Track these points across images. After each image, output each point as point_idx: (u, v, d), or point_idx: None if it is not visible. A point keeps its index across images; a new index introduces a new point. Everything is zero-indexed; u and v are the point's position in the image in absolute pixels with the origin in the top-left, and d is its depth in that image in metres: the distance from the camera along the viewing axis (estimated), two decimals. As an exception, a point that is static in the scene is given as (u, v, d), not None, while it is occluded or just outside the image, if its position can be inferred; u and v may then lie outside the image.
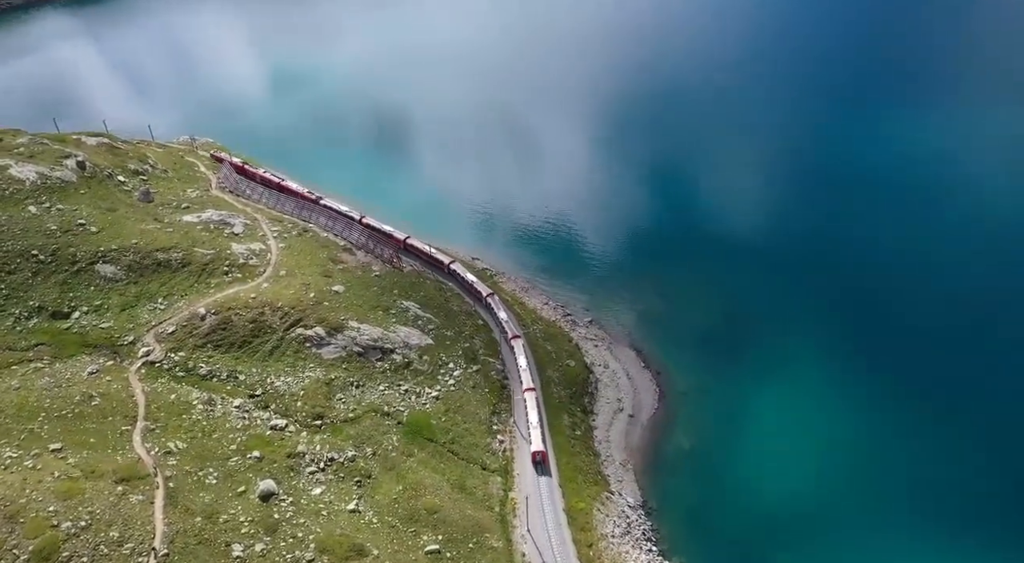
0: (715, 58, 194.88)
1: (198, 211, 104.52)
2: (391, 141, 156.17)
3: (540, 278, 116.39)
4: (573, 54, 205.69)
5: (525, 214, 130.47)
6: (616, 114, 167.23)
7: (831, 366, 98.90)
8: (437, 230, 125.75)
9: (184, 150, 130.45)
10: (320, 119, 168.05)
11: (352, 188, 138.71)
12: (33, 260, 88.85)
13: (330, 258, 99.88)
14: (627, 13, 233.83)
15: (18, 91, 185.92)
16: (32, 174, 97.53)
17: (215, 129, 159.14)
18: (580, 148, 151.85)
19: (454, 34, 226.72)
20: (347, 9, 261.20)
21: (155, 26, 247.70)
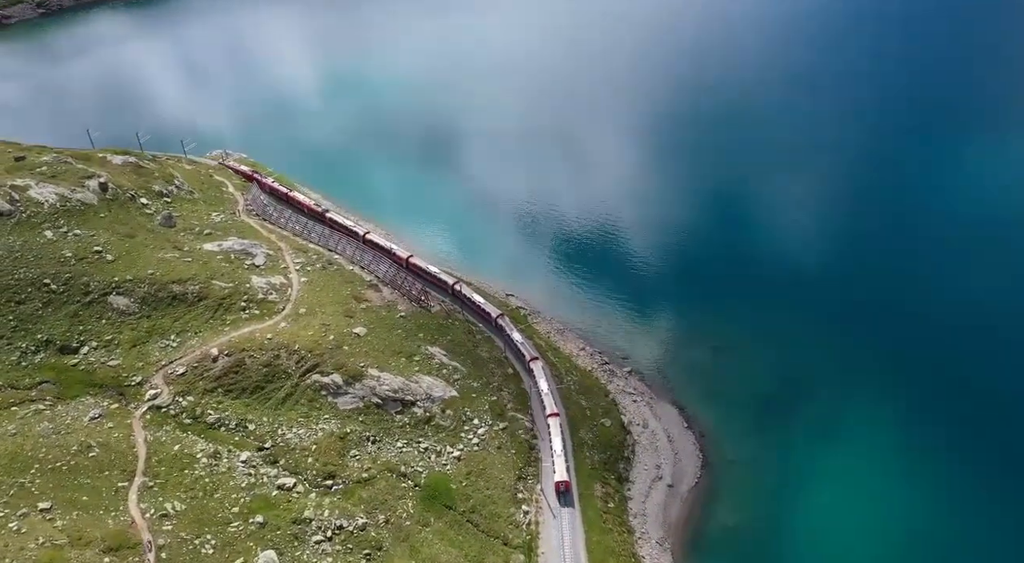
0: (773, 76, 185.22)
1: (220, 239, 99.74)
2: (432, 161, 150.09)
3: (577, 319, 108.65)
4: (627, 68, 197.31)
5: (564, 247, 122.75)
6: (666, 136, 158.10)
7: (900, 435, 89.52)
8: (472, 262, 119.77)
9: (214, 168, 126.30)
10: (360, 133, 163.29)
11: (387, 212, 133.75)
12: (45, 290, 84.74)
13: (353, 295, 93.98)
14: (687, 24, 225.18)
15: (62, 95, 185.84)
16: (52, 196, 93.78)
17: (251, 142, 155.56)
18: (628, 174, 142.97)
19: (506, 43, 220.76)
20: (403, 14, 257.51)
21: (203, 29, 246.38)
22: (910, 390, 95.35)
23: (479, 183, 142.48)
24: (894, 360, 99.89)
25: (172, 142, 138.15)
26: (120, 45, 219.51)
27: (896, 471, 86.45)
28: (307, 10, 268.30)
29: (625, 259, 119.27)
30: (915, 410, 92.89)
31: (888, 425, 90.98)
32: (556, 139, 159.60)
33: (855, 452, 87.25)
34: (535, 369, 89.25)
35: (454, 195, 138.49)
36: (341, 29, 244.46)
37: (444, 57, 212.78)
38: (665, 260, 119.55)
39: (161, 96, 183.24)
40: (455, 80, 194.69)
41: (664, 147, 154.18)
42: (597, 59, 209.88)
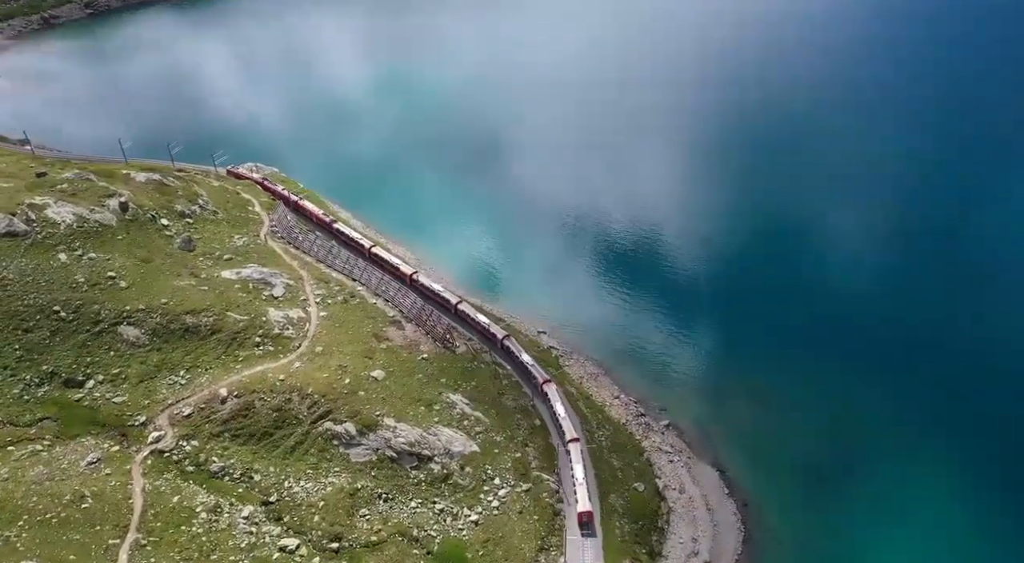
0: (837, 89, 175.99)
1: (240, 265, 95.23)
2: (468, 179, 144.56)
3: (613, 362, 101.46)
4: (684, 82, 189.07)
5: (602, 281, 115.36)
6: (717, 156, 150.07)
7: (972, 511, 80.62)
8: (506, 293, 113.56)
9: (242, 186, 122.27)
10: (397, 145, 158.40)
11: (416, 233, 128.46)
12: (54, 317, 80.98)
13: (374, 333, 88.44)
14: (748, 34, 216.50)
15: (102, 98, 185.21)
16: (69, 216, 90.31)
17: (286, 154, 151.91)
18: (674, 201, 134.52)
19: (554, 48, 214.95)
20: (455, 18, 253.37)
21: (247, 32, 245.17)
22: (985, 458, 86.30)
23: (518, 204, 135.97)
24: (967, 422, 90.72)
25: (204, 153, 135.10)
26: (162, 48, 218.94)
27: (967, 551, 78.01)
28: (354, 13, 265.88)
29: (666, 297, 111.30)
30: (989, 480, 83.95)
31: (958, 500, 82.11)
32: (601, 156, 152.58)
33: (920, 533, 78.69)
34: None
35: (490, 218, 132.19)
36: (387, 33, 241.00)
37: (490, 63, 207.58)
38: (709, 298, 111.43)
39: (199, 102, 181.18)
40: (500, 88, 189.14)
41: (714, 169, 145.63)
42: (647, 64, 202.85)
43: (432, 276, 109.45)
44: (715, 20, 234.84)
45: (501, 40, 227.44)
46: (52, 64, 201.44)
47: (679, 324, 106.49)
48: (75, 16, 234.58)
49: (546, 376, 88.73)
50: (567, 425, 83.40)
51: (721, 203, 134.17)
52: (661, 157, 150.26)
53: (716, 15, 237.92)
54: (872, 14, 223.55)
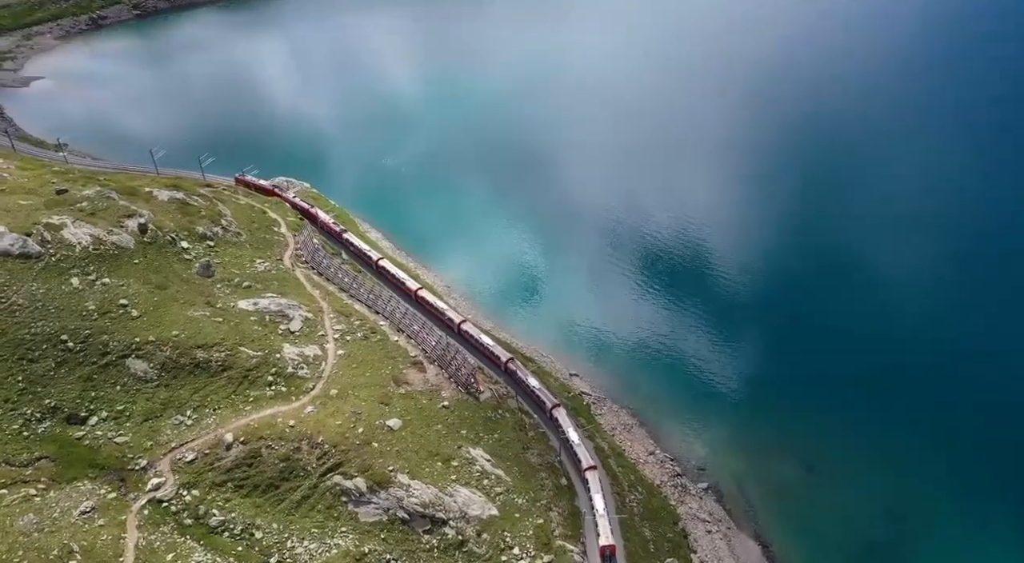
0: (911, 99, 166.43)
1: (258, 294, 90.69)
2: (505, 198, 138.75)
3: (649, 412, 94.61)
4: (745, 100, 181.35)
5: (641, 321, 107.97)
6: (774, 180, 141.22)
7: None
8: (539, 327, 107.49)
9: (271, 202, 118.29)
10: (436, 160, 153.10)
11: (448, 255, 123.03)
12: (61, 347, 77.25)
13: (394, 376, 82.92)
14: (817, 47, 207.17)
15: (142, 103, 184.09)
16: (86, 237, 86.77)
17: (318, 169, 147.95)
18: (725, 233, 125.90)
19: (604, 53, 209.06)
20: (497, 21, 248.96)
21: (291, 35, 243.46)
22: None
23: (558, 227, 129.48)
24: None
25: (236, 165, 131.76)
26: (205, 52, 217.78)
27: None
28: (398, 17, 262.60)
29: (709, 341, 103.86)
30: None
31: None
32: (650, 175, 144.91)
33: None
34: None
35: (527, 242, 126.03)
36: (429, 40, 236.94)
37: (537, 71, 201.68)
38: (756, 344, 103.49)
39: (236, 109, 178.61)
40: (546, 98, 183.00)
41: (768, 193, 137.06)
42: (702, 71, 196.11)
43: (459, 305, 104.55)
44: (782, 22, 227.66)
45: (549, 48, 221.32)
46: (96, 65, 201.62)
47: (722, 371, 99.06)
48: (123, 17, 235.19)
49: (555, 401, 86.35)
50: (582, 452, 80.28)
51: (775, 234, 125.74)
52: (713, 177, 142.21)
53: (783, 17, 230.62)
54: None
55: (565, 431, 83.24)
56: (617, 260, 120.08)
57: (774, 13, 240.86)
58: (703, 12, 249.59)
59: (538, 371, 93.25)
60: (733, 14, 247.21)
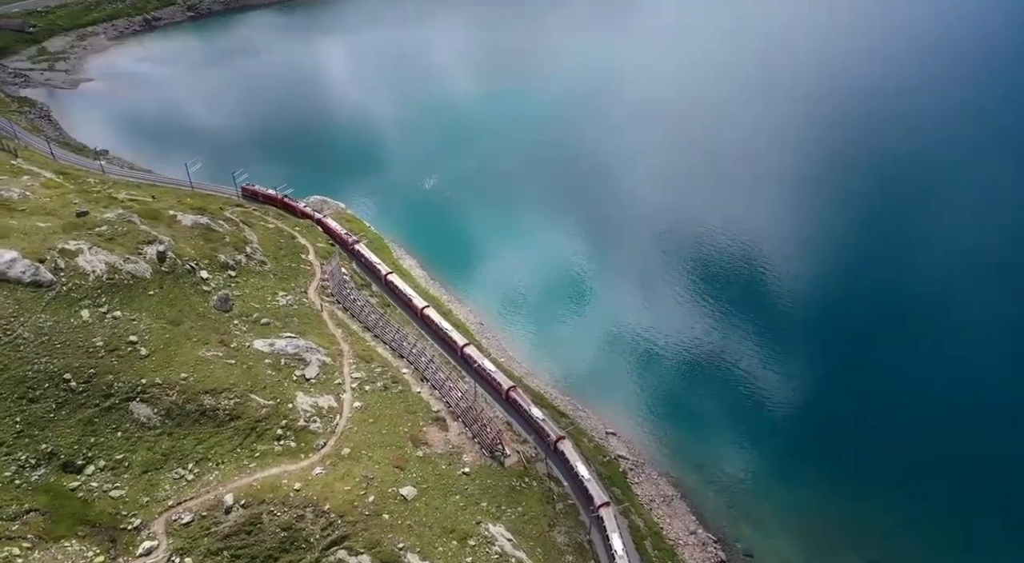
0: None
1: (275, 334, 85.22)
2: (557, 225, 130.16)
3: (692, 481, 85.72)
4: (815, 113, 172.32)
5: (694, 375, 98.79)
6: (850, 209, 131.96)
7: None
8: (575, 375, 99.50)
9: (303, 225, 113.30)
10: (485, 182, 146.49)
11: (485, 289, 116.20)
12: (63, 387, 72.77)
13: (412, 435, 76.37)
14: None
15: (188, 107, 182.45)
16: (101, 265, 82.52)
17: (358, 188, 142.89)
18: (792, 276, 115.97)
19: (678, 65, 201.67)
20: (568, 28, 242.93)
21: (344, 38, 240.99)
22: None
23: (602, 265, 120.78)
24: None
25: (271, 182, 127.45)
26: (257, 56, 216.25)
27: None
28: (455, 22, 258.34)
29: (767, 405, 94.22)
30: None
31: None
32: (714, 204, 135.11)
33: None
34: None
35: (569, 282, 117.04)
36: (486, 47, 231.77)
37: (598, 79, 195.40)
38: (822, 415, 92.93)
39: (278, 119, 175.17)
40: (605, 111, 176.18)
41: (843, 229, 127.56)
42: (766, 84, 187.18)
43: (491, 345, 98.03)
44: (860, 30, 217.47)
45: (609, 57, 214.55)
46: (145, 68, 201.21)
47: (779, 439, 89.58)
48: (177, 19, 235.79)
49: (559, 433, 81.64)
50: (593, 488, 75.40)
51: (848, 281, 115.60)
52: (788, 210, 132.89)
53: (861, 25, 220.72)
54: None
55: (573, 465, 78.63)
56: (669, 309, 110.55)
57: (852, 20, 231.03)
58: (771, 16, 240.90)
59: (573, 430, 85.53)
60: (805, 21, 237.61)
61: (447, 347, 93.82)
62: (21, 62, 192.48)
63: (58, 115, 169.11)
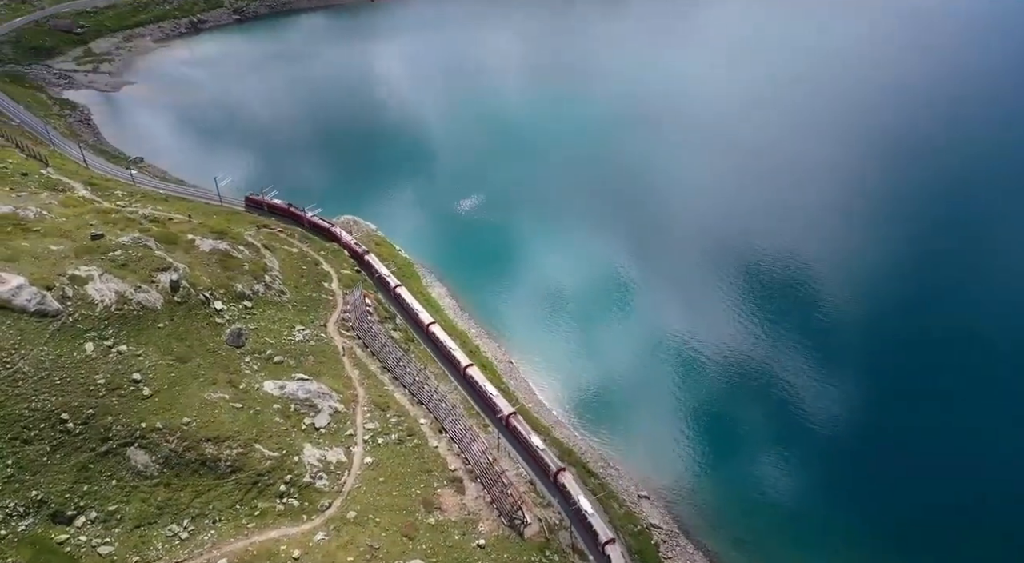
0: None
1: (287, 375, 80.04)
2: (599, 264, 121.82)
3: (731, 558, 77.99)
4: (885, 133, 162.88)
5: (740, 440, 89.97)
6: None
7: None
8: (606, 432, 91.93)
9: (328, 250, 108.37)
10: (528, 201, 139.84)
11: (518, 322, 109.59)
12: (59, 428, 68.51)
13: (424, 498, 70.23)
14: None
15: (227, 114, 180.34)
16: (111, 295, 78.41)
17: (389, 205, 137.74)
18: (855, 328, 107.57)
19: (743, 78, 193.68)
20: (626, 37, 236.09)
21: (392, 42, 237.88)
22: None
23: (652, 302, 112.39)
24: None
25: (306, 197, 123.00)
26: (297, 62, 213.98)
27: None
28: (504, 27, 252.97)
29: (826, 473, 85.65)
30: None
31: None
32: (775, 240, 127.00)
33: None
34: (567, 484, 74.96)
35: (611, 321, 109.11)
36: (536, 55, 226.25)
37: (655, 92, 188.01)
38: (881, 486, 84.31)
39: (316, 128, 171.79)
40: (662, 127, 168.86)
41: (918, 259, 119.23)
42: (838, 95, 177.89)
43: (520, 390, 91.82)
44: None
45: (668, 68, 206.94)
46: (188, 72, 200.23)
47: (840, 518, 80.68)
48: (222, 22, 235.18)
49: (560, 465, 77.52)
50: (597, 523, 71.43)
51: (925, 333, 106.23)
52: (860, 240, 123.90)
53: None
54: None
55: (576, 500, 74.02)
56: (718, 362, 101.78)
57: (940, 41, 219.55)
58: (849, 28, 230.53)
59: (602, 494, 78.41)
60: (885, 35, 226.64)
61: (448, 363, 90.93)
62: (67, 63, 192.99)
63: (98, 119, 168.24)
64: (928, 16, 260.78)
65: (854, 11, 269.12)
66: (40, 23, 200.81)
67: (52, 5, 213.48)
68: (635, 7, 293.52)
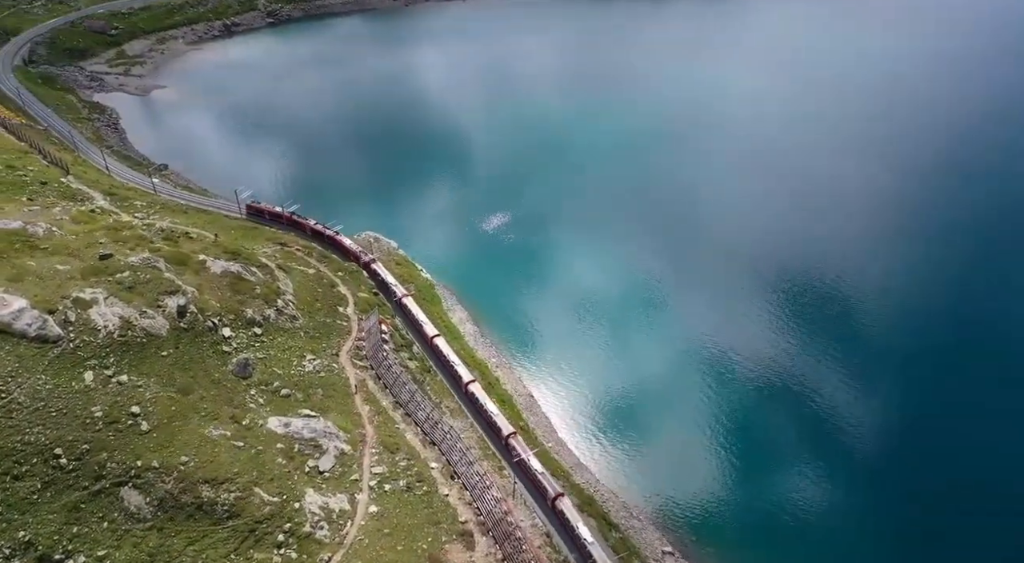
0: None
1: (294, 411, 76.00)
2: (636, 290, 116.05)
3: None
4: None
5: (777, 493, 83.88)
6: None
7: None
8: (631, 478, 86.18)
9: (346, 271, 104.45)
10: (559, 224, 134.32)
11: (544, 352, 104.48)
12: (52, 464, 65.24)
13: (431, 554, 65.43)
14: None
15: (255, 121, 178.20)
16: (115, 320, 75.21)
17: (415, 222, 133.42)
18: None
19: (798, 93, 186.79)
20: (674, 47, 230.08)
21: (424, 49, 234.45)
22: None
23: (692, 337, 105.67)
24: None
25: (328, 213, 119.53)
26: (328, 67, 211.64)
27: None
28: (543, 31, 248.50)
29: (876, 532, 79.52)
30: None
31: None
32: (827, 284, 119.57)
33: None
34: (565, 510, 71.02)
35: (649, 354, 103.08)
36: (574, 63, 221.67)
37: (706, 106, 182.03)
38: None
39: (344, 138, 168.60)
40: (712, 143, 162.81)
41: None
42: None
43: (544, 427, 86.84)
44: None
45: (718, 80, 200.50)
46: (219, 76, 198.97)
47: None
48: (256, 25, 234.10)
49: (559, 490, 73.73)
50: (597, 552, 68.08)
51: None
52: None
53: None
54: None
55: (575, 527, 70.26)
56: (762, 401, 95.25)
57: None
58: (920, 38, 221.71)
59: (624, 554, 72.88)
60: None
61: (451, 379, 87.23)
62: (99, 65, 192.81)
63: (126, 123, 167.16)
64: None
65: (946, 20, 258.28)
66: (75, 24, 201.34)
67: (88, 6, 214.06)
68: (679, 9, 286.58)
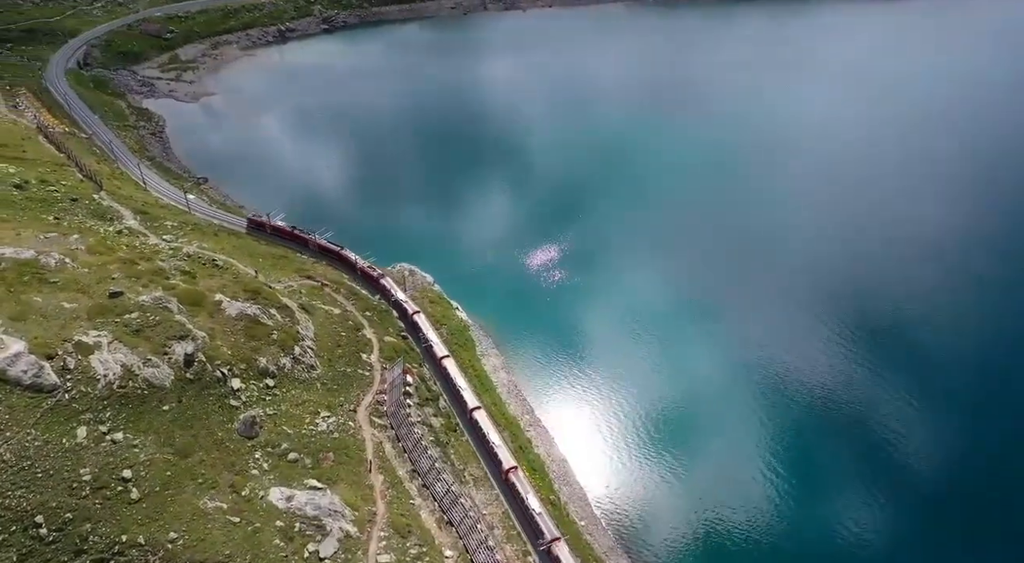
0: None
1: (299, 481, 69.03)
2: (695, 334, 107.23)
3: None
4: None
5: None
6: None
7: None
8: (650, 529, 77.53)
9: (374, 310, 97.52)
10: (608, 259, 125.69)
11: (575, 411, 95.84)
12: (31, 533, 59.46)
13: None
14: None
15: (301, 134, 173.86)
16: (116, 368, 69.56)
17: (459, 254, 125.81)
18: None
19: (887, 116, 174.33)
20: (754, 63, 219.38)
21: (482, 59, 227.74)
22: None
23: (755, 397, 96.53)
24: None
25: (361, 242, 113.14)
26: (379, 78, 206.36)
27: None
28: (607, 41, 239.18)
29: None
30: None
31: None
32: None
33: None
34: (561, 556, 65.15)
35: (704, 413, 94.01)
36: (649, 74, 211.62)
37: (786, 123, 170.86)
38: None
39: (388, 157, 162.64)
40: (791, 167, 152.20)
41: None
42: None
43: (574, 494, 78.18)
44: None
45: (802, 101, 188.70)
46: (268, 84, 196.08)
47: None
48: (310, 31, 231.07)
49: (556, 534, 67.98)
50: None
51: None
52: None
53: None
54: None
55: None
56: (824, 477, 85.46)
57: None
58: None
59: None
60: None
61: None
62: (151, 69, 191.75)
63: (171, 131, 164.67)
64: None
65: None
66: (132, 27, 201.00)
67: (146, 8, 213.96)
68: (755, 21, 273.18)
